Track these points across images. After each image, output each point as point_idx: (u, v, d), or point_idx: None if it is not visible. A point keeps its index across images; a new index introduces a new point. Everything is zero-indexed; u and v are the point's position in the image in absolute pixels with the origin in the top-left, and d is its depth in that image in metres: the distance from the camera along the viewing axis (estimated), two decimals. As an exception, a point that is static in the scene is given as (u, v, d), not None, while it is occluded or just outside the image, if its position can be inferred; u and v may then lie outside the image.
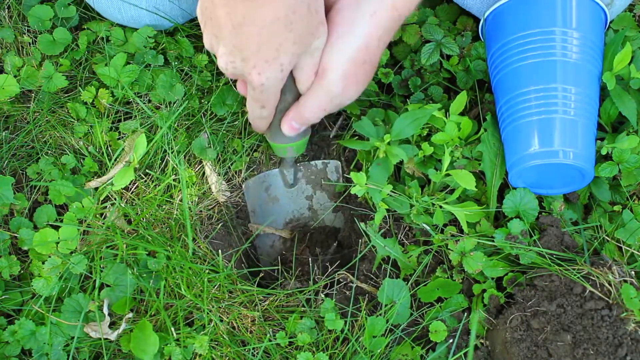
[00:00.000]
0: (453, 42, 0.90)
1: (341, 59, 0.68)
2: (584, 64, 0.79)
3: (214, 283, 0.80)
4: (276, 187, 0.92)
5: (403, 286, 0.79)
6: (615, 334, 0.70)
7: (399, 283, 0.79)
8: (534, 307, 0.74)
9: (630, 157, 0.80)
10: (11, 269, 0.81)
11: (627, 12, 0.92)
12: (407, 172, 0.85)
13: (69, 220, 0.83)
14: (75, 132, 0.90)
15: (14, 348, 0.76)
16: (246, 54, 0.64)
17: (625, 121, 0.84)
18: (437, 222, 0.80)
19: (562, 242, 0.79)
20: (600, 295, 0.72)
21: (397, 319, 0.78)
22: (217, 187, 0.88)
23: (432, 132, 0.85)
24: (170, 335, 0.76)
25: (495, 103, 0.84)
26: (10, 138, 0.91)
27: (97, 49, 0.95)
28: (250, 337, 0.78)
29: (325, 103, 0.71)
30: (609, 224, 0.81)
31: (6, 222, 0.85)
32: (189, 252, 0.80)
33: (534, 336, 0.73)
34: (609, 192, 0.82)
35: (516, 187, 0.81)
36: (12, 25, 0.95)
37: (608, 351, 0.69)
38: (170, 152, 0.86)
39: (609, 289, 0.72)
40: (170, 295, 0.80)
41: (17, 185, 0.89)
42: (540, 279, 0.76)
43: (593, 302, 0.72)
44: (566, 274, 0.74)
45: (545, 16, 0.79)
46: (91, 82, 0.92)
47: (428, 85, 0.92)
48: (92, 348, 0.77)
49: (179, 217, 0.84)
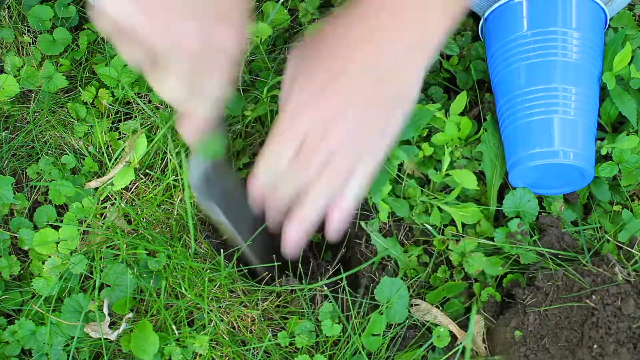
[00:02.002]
0: (453, 42, 0.90)
1: None
2: (584, 64, 0.79)
3: (214, 282, 0.80)
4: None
5: (401, 285, 0.78)
6: (619, 335, 0.70)
7: (397, 282, 0.79)
8: (535, 307, 0.74)
9: (630, 157, 0.80)
10: (11, 269, 0.81)
11: (627, 11, 0.92)
12: (408, 172, 0.85)
13: (69, 220, 0.83)
14: (75, 132, 0.90)
15: (14, 348, 0.76)
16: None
17: (625, 121, 0.84)
18: (434, 222, 0.80)
19: (562, 242, 0.79)
20: (603, 295, 0.72)
21: (395, 318, 0.78)
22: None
23: (432, 133, 0.85)
24: (171, 335, 0.76)
25: (495, 103, 0.84)
26: (10, 138, 0.91)
27: (98, 49, 0.95)
28: (251, 337, 0.78)
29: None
30: (609, 224, 0.81)
31: (6, 222, 0.85)
32: (191, 252, 0.80)
33: (535, 336, 0.73)
34: (608, 192, 0.82)
35: (516, 187, 0.81)
36: (12, 25, 0.95)
37: (610, 352, 0.69)
38: (170, 152, 0.86)
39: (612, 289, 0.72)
40: (170, 295, 0.80)
41: (17, 185, 0.89)
42: (540, 279, 0.76)
43: (596, 302, 0.72)
44: (567, 273, 0.75)
45: (545, 16, 0.79)
46: (91, 82, 0.93)
47: (428, 85, 0.92)
48: (92, 348, 0.77)
49: (180, 217, 0.84)
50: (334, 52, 0.63)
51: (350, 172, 0.65)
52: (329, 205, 0.66)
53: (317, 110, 0.63)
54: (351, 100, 0.62)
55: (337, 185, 0.66)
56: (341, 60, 0.62)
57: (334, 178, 0.65)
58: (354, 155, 0.64)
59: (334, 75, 0.62)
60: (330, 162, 0.64)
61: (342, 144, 0.63)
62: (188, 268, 0.79)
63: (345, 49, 0.62)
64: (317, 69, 0.63)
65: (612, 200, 0.84)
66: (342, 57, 0.62)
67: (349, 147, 0.64)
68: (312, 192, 0.66)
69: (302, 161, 0.64)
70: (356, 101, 0.62)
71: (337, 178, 0.65)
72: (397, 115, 0.65)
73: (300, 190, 0.66)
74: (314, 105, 0.63)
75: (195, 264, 0.80)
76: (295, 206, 0.67)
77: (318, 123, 0.63)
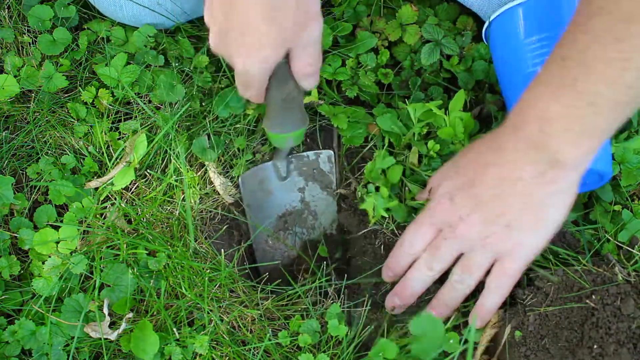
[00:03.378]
0: (453, 41, 0.90)
1: None
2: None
3: (215, 282, 0.80)
4: (269, 180, 0.91)
5: (439, 324, 0.70)
6: (619, 335, 0.70)
7: (436, 322, 0.70)
8: (535, 307, 0.74)
9: (632, 158, 0.80)
10: (11, 269, 0.81)
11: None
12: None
13: (69, 220, 0.83)
14: (75, 132, 0.90)
15: (14, 348, 0.76)
16: (230, 38, 0.66)
17: (628, 121, 0.84)
18: None
19: (563, 240, 0.79)
20: (603, 295, 0.72)
21: (421, 354, 0.70)
22: (223, 189, 0.88)
23: (432, 131, 0.85)
24: (171, 335, 0.76)
25: (507, 107, 0.84)
26: (10, 138, 0.91)
27: (98, 49, 0.95)
28: (251, 336, 0.78)
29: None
30: (609, 224, 0.81)
31: (6, 222, 0.85)
32: (190, 251, 0.80)
33: (535, 337, 0.72)
34: (611, 192, 0.82)
35: None
36: (12, 25, 0.95)
37: (611, 352, 0.69)
38: (172, 153, 0.86)
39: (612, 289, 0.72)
40: (170, 295, 0.79)
41: (17, 185, 0.89)
42: (541, 279, 0.76)
43: (596, 302, 0.72)
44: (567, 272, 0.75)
45: (552, 20, 0.79)
46: (91, 82, 0.93)
47: (428, 85, 0.92)
48: (92, 348, 0.77)
49: (180, 217, 0.84)
50: (472, 167, 0.73)
51: (480, 267, 0.72)
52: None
53: (452, 205, 0.72)
54: (480, 208, 0.70)
55: (469, 279, 0.73)
56: (478, 173, 0.71)
57: (465, 270, 0.73)
58: (482, 254, 0.72)
59: (471, 181, 0.71)
60: (462, 257, 0.73)
61: (469, 242, 0.72)
62: (188, 268, 0.79)
63: (481, 167, 0.72)
64: (460, 173, 0.74)
65: (612, 200, 0.84)
66: (477, 171, 0.71)
67: (475, 246, 0.72)
68: (446, 286, 0.75)
69: (435, 247, 0.74)
70: (484, 210, 0.70)
71: (466, 270, 0.73)
72: (529, 234, 0.70)
73: (432, 274, 0.75)
74: (449, 200, 0.72)
75: (195, 264, 0.80)
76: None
77: (451, 216, 0.72)
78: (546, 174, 0.66)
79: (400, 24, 0.92)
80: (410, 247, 0.75)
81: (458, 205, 0.72)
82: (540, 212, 0.69)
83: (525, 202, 0.68)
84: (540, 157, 0.66)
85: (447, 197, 0.73)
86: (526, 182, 0.67)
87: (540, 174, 0.66)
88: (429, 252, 0.74)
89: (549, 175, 0.66)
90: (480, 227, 0.71)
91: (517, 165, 0.67)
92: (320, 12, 0.67)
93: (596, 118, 0.62)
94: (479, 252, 0.71)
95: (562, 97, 0.62)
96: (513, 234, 0.70)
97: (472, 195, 0.71)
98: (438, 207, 0.74)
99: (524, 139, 0.66)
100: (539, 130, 0.64)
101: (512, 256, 0.71)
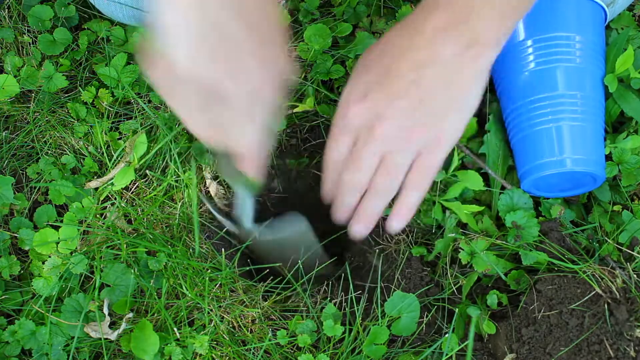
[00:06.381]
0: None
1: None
2: (588, 67, 0.79)
3: (215, 282, 0.79)
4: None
5: (414, 301, 0.76)
6: (620, 340, 0.70)
7: (410, 297, 0.76)
8: (537, 311, 0.74)
9: (631, 158, 0.80)
10: (11, 269, 0.81)
11: (627, 12, 0.92)
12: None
13: (69, 220, 0.83)
14: (75, 132, 0.90)
15: (14, 348, 0.76)
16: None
17: (625, 121, 0.84)
18: (436, 216, 0.80)
19: (563, 244, 0.79)
20: (605, 299, 0.72)
21: (402, 331, 0.76)
22: (216, 194, 0.88)
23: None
24: (172, 335, 0.76)
25: (502, 110, 0.84)
26: (10, 138, 0.91)
27: (98, 49, 0.95)
28: (251, 336, 0.78)
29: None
30: (609, 225, 0.81)
31: (6, 222, 0.85)
32: (195, 253, 0.80)
33: (537, 340, 0.72)
34: (609, 192, 0.82)
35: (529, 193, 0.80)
36: (12, 25, 0.95)
37: (613, 356, 0.69)
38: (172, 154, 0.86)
39: (614, 292, 0.72)
40: (170, 295, 0.79)
41: (17, 185, 0.89)
42: (543, 282, 0.75)
43: (597, 306, 0.72)
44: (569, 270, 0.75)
45: (546, 21, 0.79)
46: (91, 82, 0.93)
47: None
48: (92, 348, 0.77)
49: (180, 218, 0.84)
50: (386, 58, 0.67)
51: (404, 167, 0.68)
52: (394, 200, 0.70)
53: (365, 103, 0.66)
54: (400, 97, 0.65)
55: (393, 183, 0.69)
56: (393, 61, 0.66)
57: (388, 176, 0.69)
58: (405, 152, 0.67)
59: (385, 72, 0.66)
60: (383, 160, 0.68)
61: (391, 141, 0.66)
62: (190, 267, 0.79)
63: (396, 55, 0.66)
64: (371, 68, 0.67)
65: (612, 200, 0.84)
66: (393, 59, 0.66)
67: (398, 145, 0.67)
68: (369, 194, 0.70)
69: (355, 159, 0.69)
70: (405, 99, 0.65)
71: (390, 175, 0.68)
72: (453, 118, 0.67)
73: (361, 187, 0.70)
74: (362, 98, 0.67)
75: (196, 264, 0.80)
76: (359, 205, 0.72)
77: (367, 116, 0.67)
78: (467, 51, 0.63)
79: (400, 25, 0.92)
80: (335, 169, 0.71)
81: (373, 100, 0.66)
82: (461, 95, 0.66)
83: (446, 84, 0.65)
84: (462, 35, 0.63)
85: (359, 95, 0.67)
86: (447, 62, 0.63)
87: (461, 52, 0.63)
88: (352, 167, 0.69)
89: (470, 53, 0.63)
90: (402, 120, 0.66)
91: (437, 45, 0.63)
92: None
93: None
94: (401, 152, 0.67)
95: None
96: (437, 121, 0.66)
97: (387, 86, 0.65)
98: (350, 111, 0.68)
99: (445, 18, 0.63)
100: (464, 6, 0.62)
101: (436, 147, 0.67)
